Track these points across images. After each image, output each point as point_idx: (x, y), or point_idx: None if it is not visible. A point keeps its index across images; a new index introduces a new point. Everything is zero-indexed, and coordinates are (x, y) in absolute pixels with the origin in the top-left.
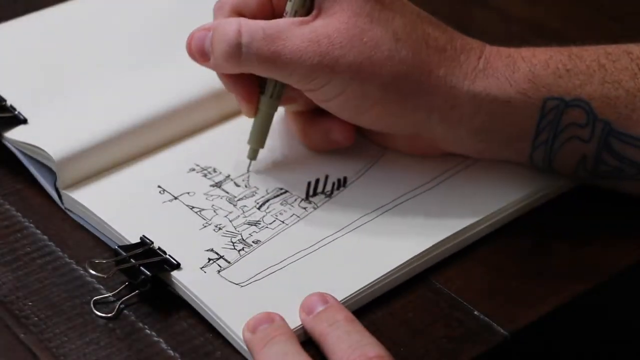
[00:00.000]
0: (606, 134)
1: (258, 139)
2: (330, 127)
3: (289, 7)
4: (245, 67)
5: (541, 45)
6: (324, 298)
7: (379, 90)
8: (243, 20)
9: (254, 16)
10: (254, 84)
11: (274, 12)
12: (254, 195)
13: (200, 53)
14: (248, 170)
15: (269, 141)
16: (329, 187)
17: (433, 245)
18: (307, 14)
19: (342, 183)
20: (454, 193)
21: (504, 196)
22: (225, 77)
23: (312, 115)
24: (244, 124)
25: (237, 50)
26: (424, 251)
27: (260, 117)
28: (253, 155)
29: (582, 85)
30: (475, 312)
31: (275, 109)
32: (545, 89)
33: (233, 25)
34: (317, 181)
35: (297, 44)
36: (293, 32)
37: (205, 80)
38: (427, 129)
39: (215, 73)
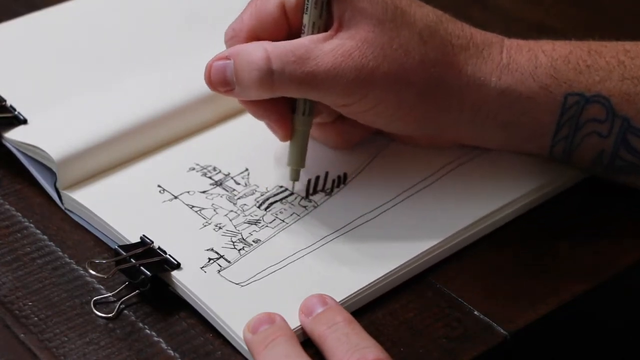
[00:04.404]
0: (624, 130)
1: (299, 159)
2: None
3: (305, 19)
4: (278, 93)
5: None
6: (323, 299)
7: (415, 96)
8: (267, 44)
9: (271, 37)
10: (284, 106)
11: (290, 30)
12: (254, 193)
13: (222, 84)
14: (293, 191)
15: (269, 138)
16: (329, 185)
17: (433, 246)
18: (326, 26)
19: (342, 180)
20: (453, 190)
21: (503, 195)
22: (253, 105)
23: (338, 119)
24: (244, 123)
25: (269, 77)
26: (424, 251)
27: (297, 137)
28: (296, 176)
29: (601, 82)
30: (475, 312)
31: (310, 126)
32: (566, 84)
33: (259, 52)
34: (317, 178)
35: (330, 61)
36: (322, 50)
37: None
38: (455, 128)
39: (238, 101)
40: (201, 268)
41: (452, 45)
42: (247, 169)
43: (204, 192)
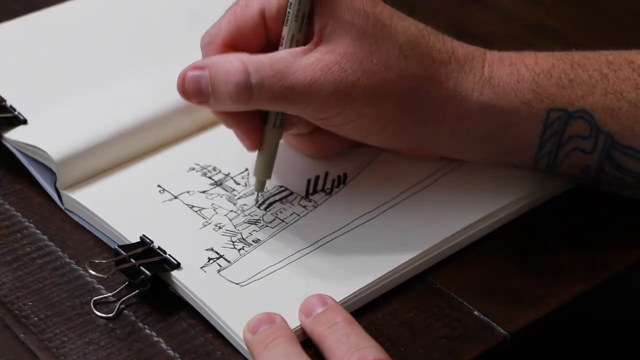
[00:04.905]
0: (608, 146)
1: (265, 170)
2: None
3: (285, 32)
4: (254, 106)
5: (541, 46)
6: (323, 300)
7: (394, 110)
8: (244, 56)
9: (249, 46)
10: (255, 116)
11: (268, 40)
12: (253, 193)
13: (196, 95)
14: (257, 204)
15: None
16: (329, 185)
17: (433, 246)
18: (305, 39)
19: (342, 180)
20: (454, 190)
21: (504, 195)
22: (224, 114)
23: (315, 131)
24: None
25: (247, 91)
26: (424, 251)
27: (265, 148)
28: (261, 187)
29: (584, 96)
30: (475, 312)
31: (280, 138)
32: (548, 99)
33: (236, 64)
34: (317, 178)
35: (309, 76)
36: (301, 64)
37: None
38: (435, 142)
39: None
40: (201, 268)
41: (433, 60)
42: (247, 169)
43: (203, 192)
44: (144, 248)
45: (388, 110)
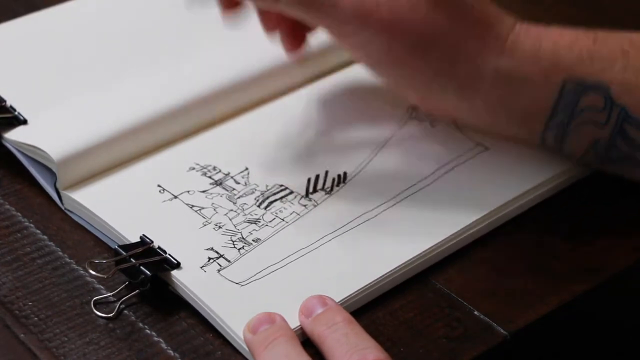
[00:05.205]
0: (622, 120)
1: None
2: None
3: None
4: (282, 7)
5: None
6: (323, 300)
7: (405, 50)
8: None
9: None
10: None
11: None
12: (253, 192)
13: None
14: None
15: (269, 138)
16: (329, 184)
17: (433, 245)
18: None
19: (342, 179)
20: (453, 189)
21: (502, 194)
22: (266, 14)
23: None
24: (244, 123)
25: None
26: (424, 251)
27: None
28: None
29: (603, 70)
30: (475, 312)
31: None
32: (565, 71)
33: None
34: (317, 177)
35: None
36: None
37: (204, 80)
38: (441, 95)
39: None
40: (201, 267)
41: (462, 17)
42: (246, 168)
43: (203, 191)
44: (144, 248)
45: (399, 48)
